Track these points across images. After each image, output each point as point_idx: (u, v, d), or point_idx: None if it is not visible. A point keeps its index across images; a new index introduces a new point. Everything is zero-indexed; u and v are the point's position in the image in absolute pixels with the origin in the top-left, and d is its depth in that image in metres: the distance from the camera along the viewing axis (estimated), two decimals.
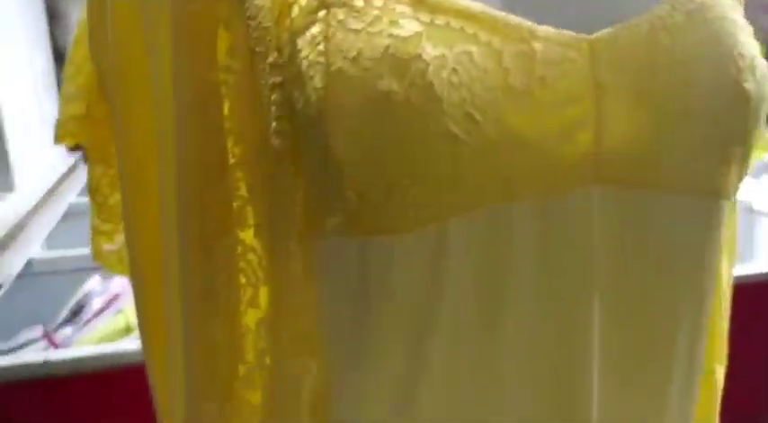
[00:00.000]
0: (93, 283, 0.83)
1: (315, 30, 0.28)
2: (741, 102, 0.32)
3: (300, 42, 0.28)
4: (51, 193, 1.23)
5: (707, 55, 0.32)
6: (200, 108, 0.32)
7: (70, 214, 1.19)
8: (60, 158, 1.52)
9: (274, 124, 0.29)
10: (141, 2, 0.36)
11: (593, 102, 0.30)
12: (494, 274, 0.31)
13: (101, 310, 0.77)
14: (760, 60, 0.34)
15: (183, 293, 0.35)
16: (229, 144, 0.32)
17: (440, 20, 0.28)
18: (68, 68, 0.45)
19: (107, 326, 0.72)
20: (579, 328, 0.33)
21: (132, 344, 0.62)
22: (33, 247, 1.01)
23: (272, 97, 0.29)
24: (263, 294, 0.34)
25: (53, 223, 1.12)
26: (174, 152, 0.34)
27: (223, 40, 0.32)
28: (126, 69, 0.38)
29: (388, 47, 0.27)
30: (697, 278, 0.36)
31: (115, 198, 0.46)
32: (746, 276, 0.92)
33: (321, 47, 0.27)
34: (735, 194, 0.36)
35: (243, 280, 0.34)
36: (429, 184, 0.28)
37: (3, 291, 0.82)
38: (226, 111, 0.32)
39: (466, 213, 0.30)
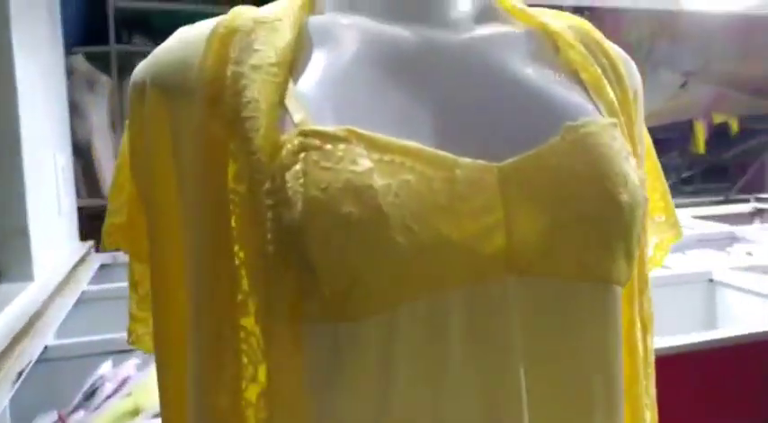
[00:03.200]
0: (105, 367, 0.91)
1: (297, 167, 0.38)
2: (617, 208, 0.42)
3: (288, 175, 0.38)
4: (66, 282, 1.32)
5: (588, 173, 0.41)
6: (215, 220, 0.41)
7: (81, 302, 1.28)
8: (74, 249, 1.61)
9: (269, 235, 0.38)
10: (173, 135, 0.44)
11: (503, 212, 0.40)
12: (435, 348, 0.39)
13: (112, 394, 0.85)
14: (632, 176, 0.43)
15: (196, 370, 0.42)
16: (236, 248, 0.41)
17: (387, 157, 0.39)
18: (112, 189, 0.52)
19: (117, 409, 0.80)
20: (510, 397, 0.40)
21: None
22: (50, 334, 1.09)
23: (267, 214, 0.38)
24: (262, 371, 0.41)
25: (67, 310, 1.21)
26: (195, 257, 0.42)
27: (231, 169, 0.41)
28: (156, 186, 0.46)
29: (348, 179, 0.37)
30: (601, 347, 0.44)
31: None
32: (709, 342, 1.00)
33: (301, 180, 0.37)
34: (627, 280, 0.44)
35: (245, 360, 0.41)
36: (381, 281, 0.37)
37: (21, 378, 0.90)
38: (233, 223, 0.41)
39: (411, 301, 0.38)
